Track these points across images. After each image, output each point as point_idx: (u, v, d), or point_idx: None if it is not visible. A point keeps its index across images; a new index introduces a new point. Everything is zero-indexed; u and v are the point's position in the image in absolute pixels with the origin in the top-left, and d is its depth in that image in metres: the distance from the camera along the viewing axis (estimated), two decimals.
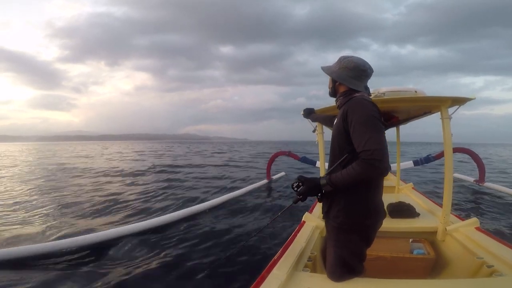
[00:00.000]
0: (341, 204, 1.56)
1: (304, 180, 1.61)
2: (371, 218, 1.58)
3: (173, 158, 24.58)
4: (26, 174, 13.73)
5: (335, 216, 1.59)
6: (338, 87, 1.74)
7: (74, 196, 8.00)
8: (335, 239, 1.63)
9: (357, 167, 1.39)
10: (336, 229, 1.61)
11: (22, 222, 5.48)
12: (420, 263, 2.37)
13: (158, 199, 7.75)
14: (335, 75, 1.70)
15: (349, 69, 1.64)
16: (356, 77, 1.64)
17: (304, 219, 2.89)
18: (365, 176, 1.40)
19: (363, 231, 1.60)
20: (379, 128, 1.44)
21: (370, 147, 1.35)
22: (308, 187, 1.59)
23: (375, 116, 1.47)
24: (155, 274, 3.32)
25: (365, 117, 1.45)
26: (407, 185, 4.82)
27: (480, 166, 8.08)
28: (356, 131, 1.45)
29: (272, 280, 1.66)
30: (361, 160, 1.38)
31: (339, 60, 1.71)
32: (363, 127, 1.42)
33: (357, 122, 1.45)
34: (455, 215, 2.89)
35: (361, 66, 1.63)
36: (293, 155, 10.24)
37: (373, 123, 1.44)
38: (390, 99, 2.69)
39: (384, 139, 1.41)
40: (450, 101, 2.59)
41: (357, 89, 1.64)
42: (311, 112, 2.75)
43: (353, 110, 1.51)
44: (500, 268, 1.84)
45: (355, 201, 1.54)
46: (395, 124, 4.57)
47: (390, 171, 5.89)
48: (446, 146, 2.61)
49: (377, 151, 1.34)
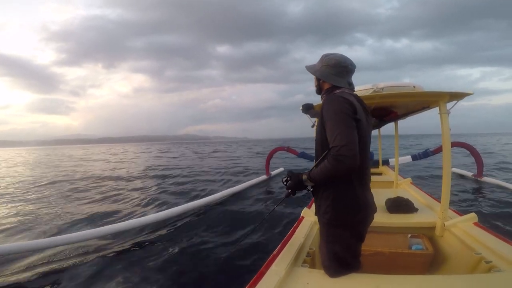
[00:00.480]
0: (329, 200, 1.57)
1: (291, 175, 1.69)
2: (360, 213, 1.59)
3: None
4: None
5: (324, 212, 1.60)
6: (323, 84, 1.77)
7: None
8: (326, 234, 1.64)
9: (327, 163, 1.44)
10: (326, 225, 1.62)
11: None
12: (418, 258, 2.37)
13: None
14: (318, 74, 1.75)
15: (330, 66, 1.69)
16: (337, 73, 1.68)
17: (302, 215, 2.89)
18: (335, 172, 1.43)
19: (353, 226, 1.60)
20: (349, 124, 1.45)
21: (338, 143, 1.39)
22: (293, 182, 1.66)
23: (344, 112, 1.47)
24: (153, 270, 3.34)
25: (335, 113, 1.48)
26: (405, 180, 4.83)
27: (478, 161, 8.09)
28: (328, 127, 1.49)
29: (271, 275, 1.66)
30: (330, 156, 1.43)
31: (321, 58, 1.76)
32: (332, 124, 1.46)
33: (328, 119, 1.50)
34: (453, 210, 2.90)
35: (342, 62, 1.67)
36: (292, 151, 10.24)
37: (342, 119, 1.45)
38: (388, 94, 2.68)
39: (353, 135, 1.43)
40: (448, 96, 2.58)
41: (339, 85, 1.68)
42: (310, 107, 2.74)
43: (326, 107, 1.54)
44: (499, 263, 1.84)
45: (343, 196, 1.55)
46: (394, 119, 4.56)
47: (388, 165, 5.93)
48: (444, 141, 2.60)
49: (344, 147, 1.37)
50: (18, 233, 5.00)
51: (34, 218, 5.90)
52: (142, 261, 3.62)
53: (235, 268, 3.30)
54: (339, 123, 1.44)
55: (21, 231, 5.06)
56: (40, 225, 5.42)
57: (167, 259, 3.64)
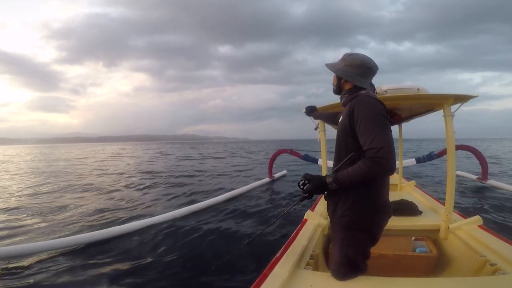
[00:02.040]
0: (348, 203, 1.54)
1: (310, 178, 1.61)
2: (378, 216, 1.57)
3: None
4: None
5: (342, 215, 1.57)
6: (344, 84, 1.72)
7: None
8: (341, 237, 1.62)
9: (363, 166, 1.38)
10: (343, 228, 1.59)
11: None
12: (422, 261, 2.36)
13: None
14: (340, 72, 1.68)
15: (354, 66, 1.62)
16: (361, 74, 1.63)
17: (306, 217, 2.89)
18: (371, 175, 1.38)
19: (370, 229, 1.58)
20: (386, 126, 1.42)
21: (376, 145, 1.33)
22: (314, 185, 1.58)
23: (381, 113, 1.45)
24: (158, 272, 3.35)
25: (371, 114, 1.44)
26: (409, 183, 4.81)
27: (483, 164, 8.03)
28: (362, 129, 1.43)
29: (274, 278, 1.67)
30: (367, 158, 1.37)
31: (343, 57, 1.69)
32: (370, 125, 1.41)
33: (363, 120, 1.44)
34: (458, 213, 2.88)
35: (366, 63, 1.62)
36: (295, 153, 10.22)
37: (379, 120, 1.42)
38: (392, 97, 2.67)
39: (390, 137, 1.40)
40: (453, 99, 2.57)
41: (363, 86, 1.63)
42: (313, 110, 2.75)
43: (359, 108, 1.49)
44: (503, 266, 1.83)
45: (362, 199, 1.53)
46: (398, 122, 4.55)
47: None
48: (448, 144, 2.59)
49: (383, 149, 1.32)
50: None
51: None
52: (143, 261, 3.63)
53: (238, 269, 3.30)
54: (376, 124, 1.40)
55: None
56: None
57: (169, 261, 3.65)
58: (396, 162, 5.61)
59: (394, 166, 1.36)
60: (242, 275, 3.13)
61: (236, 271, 3.27)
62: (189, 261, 3.62)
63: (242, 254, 3.62)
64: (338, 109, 2.51)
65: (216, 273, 3.25)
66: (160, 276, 3.25)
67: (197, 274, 3.28)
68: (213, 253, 3.88)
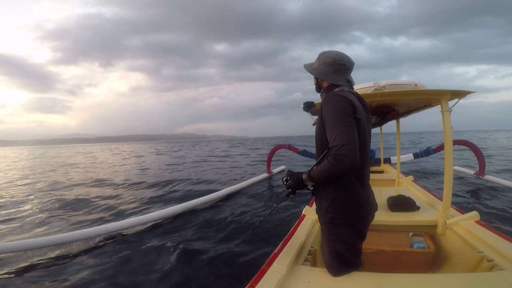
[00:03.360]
0: (330, 199, 1.57)
1: (291, 174, 1.68)
2: (361, 210, 1.59)
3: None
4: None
5: (325, 211, 1.60)
6: (321, 83, 1.76)
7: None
8: (328, 233, 1.64)
9: (327, 163, 1.43)
10: (328, 224, 1.61)
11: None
12: (420, 257, 2.37)
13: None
14: (316, 72, 1.73)
15: (327, 64, 1.67)
16: (335, 71, 1.66)
17: (304, 213, 2.89)
18: (334, 171, 1.42)
19: (355, 224, 1.60)
20: (348, 123, 1.43)
21: (338, 143, 1.38)
22: (293, 181, 1.65)
23: (344, 111, 1.46)
24: (155, 268, 3.35)
25: (334, 113, 1.47)
26: (407, 178, 4.82)
27: (480, 159, 8.05)
28: (327, 127, 1.48)
29: (273, 273, 1.67)
30: (330, 156, 1.42)
31: (318, 56, 1.74)
32: (333, 123, 1.45)
33: (329, 118, 1.48)
34: (455, 209, 2.89)
35: (339, 60, 1.65)
36: (293, 148, 10.24)
37: (342, 118, 1.44)
38: (390, 92, 2.67)
39: (353, 134, 1.41)
40: (450, 94, 2.57)
41: (338, 83, 1.66)
42: (311, 105, 2.74)
43: (325, 107, 1.53)
44: (501, 262, 1.84)
45: (343, 195, 1.55)
46: (395, 117, 4.55)
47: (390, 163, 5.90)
48: (446, 139, 2.60)
49: (344, 147, 1.36)
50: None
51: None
52: (141, 259, 3.64)
53: (236, 266, 3.31)
54: (338, 122, 1.43)
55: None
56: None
57: (167, 258, 3.65)
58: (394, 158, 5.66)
59: (356, 163, 1.39)
60: (240, 272, 3.14)
61: (233, 267, 3.28)
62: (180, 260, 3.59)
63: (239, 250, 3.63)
64: None
65: (213, 270, 3.27)
66: (155, 274, 3.26)
67: (192, 272, 3.28)
68: (208, 249, 3.87)
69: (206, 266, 3.36)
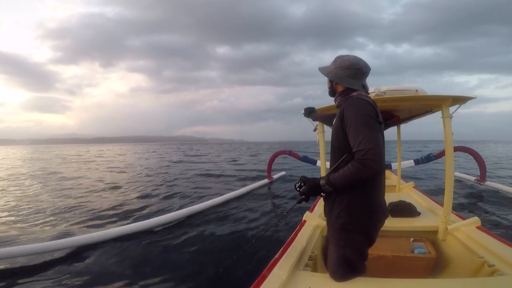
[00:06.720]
0: (343, 204, 1.55)
1: (306, 180, 1.63)
2: (374, 217, 1.58)
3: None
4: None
5: (337, 216, 1.58)
6: (336, 86, 1.75)
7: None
8: (338, 238, 1.62)
9: (352, 167, 1.39)
10: (339, 229, 1.60)
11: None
12: (421, 262, 2.36)
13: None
14: (331, 76, 1.71)
15: (344, 68, 1.65)
16: (352, 75, 1.65)
17: (304, 218, 2.88)
18: (360, 176, 1.39)
19: (366, 230, 1.59)
20: (374, 127, 1.43)
21: (364, 147, 1.35)
22: (309, 187, 1.60)
23: (369, 115, 1.46)
24: (159, 275, 3.34)
25: (359, 116, 1.45)
26: (408, 184, 4.82)
27: (481, 165, 8.05)
28: (351, 131, 1.45)
29: (273, 279, 1.66)
30: (355, 160, 1.38)
31: (335, 60, 1.72)
32: (357, 127, 1.42)
33: (352, 122, 1.46)
34: (456, 214, 2.89)
35: (355, 64, 1.63)
36: (294, 154, 10.22)
37: (367, 122, 1.43)
38: (391, 98, 2.68)
39: (378, 138, 1.41)
40: (451, 100, 2.58)
41: (354, 87, 1.65)
42: (312, 111, 2.76)
43: (349, 110, 1.51)
44: (502, 267, 1.83)
45: (357, 200, 1.53)
46: (396, 123, 4.56)
47: (391, 170, 5.86)
48: (447, 145, 2.60)
49: (370, 151, 1.33)
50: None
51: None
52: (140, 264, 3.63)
53: (236, 271, 3.29)
54: (364, 126, 1.41)
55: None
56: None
57: (167, 263, 3.64)
58: (395, 164, 5.62)
59: (382, 167, 1.38)
60: (240, 277, 3.12)
61: (234, 273, 3.27)
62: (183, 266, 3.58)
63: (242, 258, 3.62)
64: (336, 110, 2.52)
65: (214, 276, 3.25)
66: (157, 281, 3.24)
67: (192, 278, 3.27)
68: (212, 257, 3.84)
69: (204, 273, 3.34)
